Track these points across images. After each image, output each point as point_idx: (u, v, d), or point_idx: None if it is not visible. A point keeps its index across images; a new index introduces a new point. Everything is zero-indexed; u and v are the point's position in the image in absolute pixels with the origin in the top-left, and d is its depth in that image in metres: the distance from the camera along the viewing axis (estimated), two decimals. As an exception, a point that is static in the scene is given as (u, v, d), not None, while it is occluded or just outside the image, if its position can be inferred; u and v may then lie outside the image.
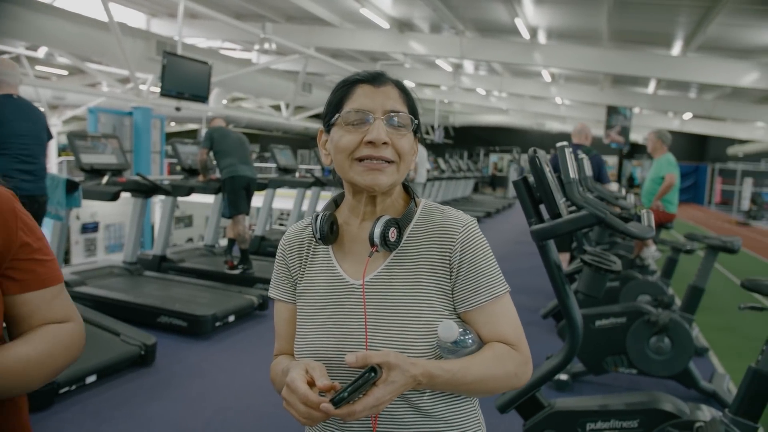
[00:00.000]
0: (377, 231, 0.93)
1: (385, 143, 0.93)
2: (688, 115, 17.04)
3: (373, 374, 0.79)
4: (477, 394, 0.96)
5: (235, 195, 5.10)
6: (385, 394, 0.79)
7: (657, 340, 3.03)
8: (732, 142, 20.32)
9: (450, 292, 0.96)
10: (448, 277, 0.96)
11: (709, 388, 3.06)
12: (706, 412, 1.99)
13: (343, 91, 0.98)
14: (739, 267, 7.64)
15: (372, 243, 0.93)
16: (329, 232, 0.99)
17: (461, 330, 0.91)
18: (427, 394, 0.93)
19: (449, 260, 0.95)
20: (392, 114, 0.94)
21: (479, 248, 0.97)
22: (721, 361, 3.85)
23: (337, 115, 0.96)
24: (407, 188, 1.05)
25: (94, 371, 3.01)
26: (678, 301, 4.33)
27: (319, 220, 0.98)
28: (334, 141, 0.96)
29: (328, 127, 0.99)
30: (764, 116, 14.36)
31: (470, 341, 0.92)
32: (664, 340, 3.02)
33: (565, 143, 1.84)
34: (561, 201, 1.87)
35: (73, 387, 2.88)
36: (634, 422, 2.01)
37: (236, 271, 5.13)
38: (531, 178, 1.88)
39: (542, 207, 1.85)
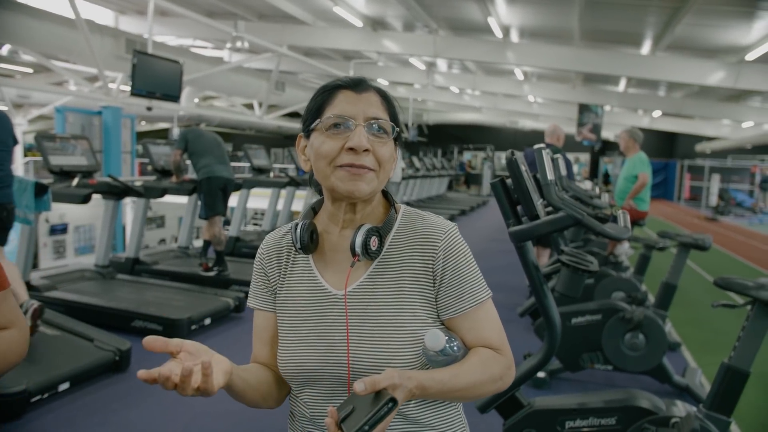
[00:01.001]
0: (358, 240, 0.91)
1: (366, 150, 0.91)
2: (657, 113, 17.43)
3: (392, 405, 0.77)
4: (465, 399, 0.97)
5: (212, 196, 5.01)
6: (388, 421, 0.78)
7: (632, 336, 3.09)
8: (700, 139, 20.86)
9: (433, 300, 0.95)
10: (432, 284, 0.95)
11: (682, 382, 3.13)
12: (681, 408, 2.03)
13: (323, 96, 0.96)
14: (710, 263, 7.83)
15: (353, 253, 0.92)
16: (309, 241, 0.97)
17: (447, 338, 0.90)
18: (413, 402, 0.94)
19: (432, 268, 0.95)
20: (373, 121, 0.93)
21: (461, 255, 0.97)
22: (693, 355, 3.96)
23: (317, 120, 0.95)
24: (386, 194, 1.04)
25: (67, 378, 2.93)
26: (651, 298, 4.42)
27: (298, 230, 0.96)
28: (315, 147, 0.94)
29: (308, 133, 0.97)
30: (730, 114, 14.79)
31: (456, 348, 0.92)
32: (639, 337, 3.08)
33: (542, 145, 1.86)
34: (538, 202, 1.89)
35: (45, 395, 2.80)
36: (612, 419, 2.04)
37: (211, 273, 5.06)
38: (509, 180, 1.89)
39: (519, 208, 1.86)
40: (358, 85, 0.96)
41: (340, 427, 0.76)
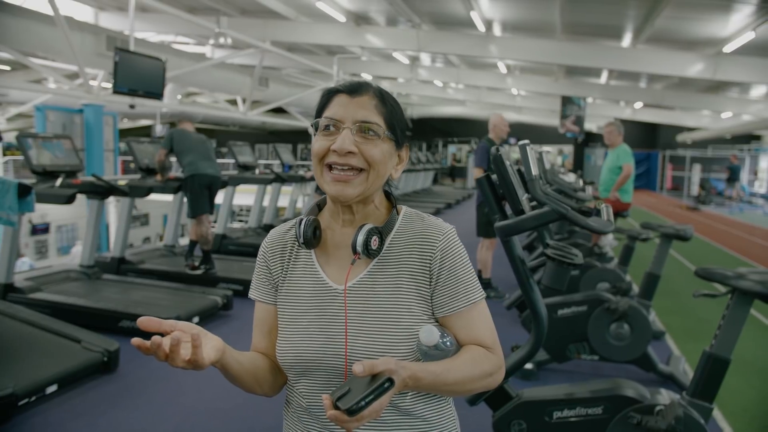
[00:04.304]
0: (360, 239, 0.96)
1: (351, 152, 0.95)
2: (639, 104, 17.63)
3: (389, 384, 0.81)
4: (456, 393, 1.00)
5: (197, 194, 4.97)
6: (385, 401, 0.81)
7: (617, 326, 3.15)
8: (681, 129, 21.12)
9: (429, 298, 0.99)
10: (428, 283, 0.99)
11: (666, 370, 3.20)
12: (666, 396, 2.08)
13: (324, 99, 1.02)
14: (692, 252, 7.98)
15: (354, 251, 0.96)
16: (312, 237, 1.01)
17: (440, 334, 0.94)
18: (409, 395, 0.97)
19: (429, 267, 0.99)
20: (362, 124, 0.97)
21: (458, 256, 1.01)
22: (677, 343, 4.03)
23: (317, 121, 1.00)
24: (389, 196, 1.08)
25: (55, 381, 2.90)
26: (636, 288, 4.49)
27: (303, 225, 1.01)
28: (312, 146, 1.01)
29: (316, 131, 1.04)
30: (710, 105, 15.00)
31: (449, 344, 0.96)
32: (624, 327, 3.14)
33: (527, 141, 1.89)
34: (523, 197, 1.92)
35: (33, 398, 2.77)
36: (599, 409, 2.08)
37: (199, 272, 5.04)
38: (494, 176, 1.92)
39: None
40: (354, 90, 1.00)
41: (336, 406, 0.78)
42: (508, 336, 3.66)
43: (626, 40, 9.62)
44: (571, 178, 5.74)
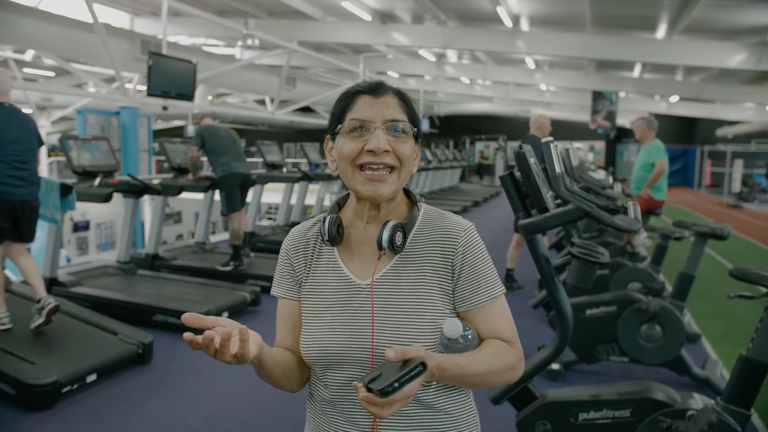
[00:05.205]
0: (385, 236, 0.98)
1: (386, 151, 0.98)
2: (674, 98, 17.11)
3: (422, 368, 0.83)
4: (478, 386, 1.02)
5: (231, 192, 5.18)
6: (415, 387, 0.83)
7: (648, 327, 3.07)
8: (721, 123, 20.37)
9: (451, 292, 1.02)
10: (450, 277, 1.02)
11: (702, 374, 3.10)
12: (699, 400, 2.02)
13: (345, 102, 1.03)
14: (732, 252, 7.68)
15: (380, 247, 0.99)
16: (336, 234, 1.04)
17: (463, 327, 0.96)
18: (431, 388, 1.00)
19: (451, 262, 1.02)
20: (392, 123, 0.99)
21: (479, 252, 1.04)
22: (713, 347, 3.90)
23: (339, 125, 1.02)
24: (408, 193, 1.10)
25: (95, 370, 3.05)
26: (669, 288, 4.38)
27: (327, 223, 1.04)
28: (338, 149, 1.02)
29: (333, 136, 1.04)
30: (753, 97, 14.41)
31: (471, 337, 0.99)
32: (655, 328, 3.06)
33: (550, 138, 1.87)
34: (548, 195, 1.91)
35: (75, 386, 2.92)
36: (626, 411, 2.05)
37: (228, 268, 5.16)
38: (518, 173, 1.91)
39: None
40: (376, 89, 1.02)
41: (368, 389, 0.79)
42: (535, 336, 3.63)
43: (661, 32, 9.36)
44: (600, 175, 5.64)
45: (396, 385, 0.79)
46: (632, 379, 3.14)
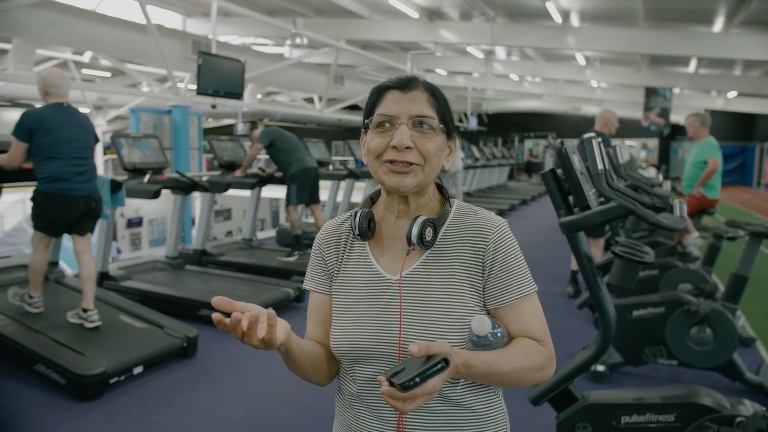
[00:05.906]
0: (415, 231, 0.97)
1: (408, 147, 0.97)
2: (732, 94, 16.34)
3: (444, 364, 0.82)
4: (506, 385, 1.01)
5: (304, 185, 5.46)
6: (438, 383, 0.83)
7: (698, 330, 2.96)
8: (782, 120, 19.38)
9: (481, 289, 1.01)
10: (481, 274, 1.00)
11: (755, 380, 2.97)
12: (749, 407, 1.93)
13: (375, 96, 1.03)
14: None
15: (409, 242, 0.98)
16: (367, 229, 1.04)
17: (492, 324, 0.95)
18: (459, 385, 0.98)
19: (482, 259, 1.00)
20: (417, 119, 0.99)
21: (511, 249, 1.02)
22: (769, 351, 3.74)
23: (369, 119, 1.02)
24: (441, 189, 1.09)
25: (141, 362, 3.15)
26: (722, 289, 4.19)
27: (358, 217, 1.03)
28: (367, 143, 1.03)
29: (366, 130, 1.05)
30: (818, 91, 13.63)
31: (500, 335, 0.97)
32: (706, 331, 2.94)
33: (592, 134, 1.82)
34: (590, 192, 1.86)
35: (122, 377, 3.03)
36: (671, 416, 1.98)
37: (293, 258, 5.40)
38: (560, 171, 1.87)
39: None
40: (405, 85, 1.01)
41: (391, 383, 0.80)
42: (579, 336, 3.54)
43: (718, 25, 8.95)
44: (651, 173, 5.45)
45: (417, 380, 0.79)
46: (681, 383, 3.03)
